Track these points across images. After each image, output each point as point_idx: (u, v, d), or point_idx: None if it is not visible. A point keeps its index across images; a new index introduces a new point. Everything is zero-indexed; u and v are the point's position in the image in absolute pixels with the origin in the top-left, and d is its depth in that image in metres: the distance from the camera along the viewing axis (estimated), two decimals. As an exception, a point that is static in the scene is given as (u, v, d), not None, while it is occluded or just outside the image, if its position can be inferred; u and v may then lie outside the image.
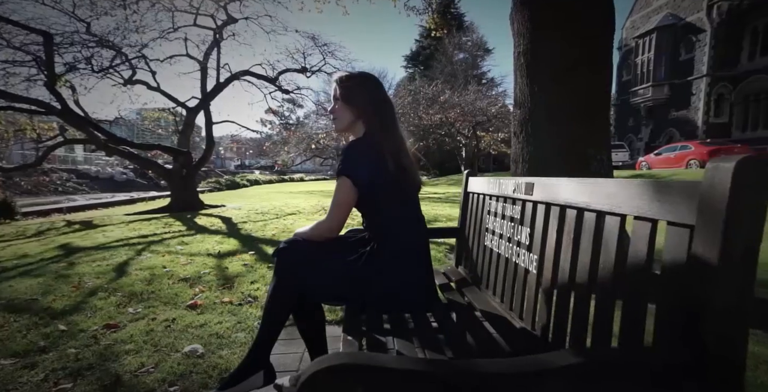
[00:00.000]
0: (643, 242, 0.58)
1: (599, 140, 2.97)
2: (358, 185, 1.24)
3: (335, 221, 1.29)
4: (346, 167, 1.25)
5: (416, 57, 37.53)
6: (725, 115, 25.41)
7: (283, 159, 22.04)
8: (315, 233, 1.35)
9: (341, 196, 1.27)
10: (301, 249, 1.34)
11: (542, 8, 2.97)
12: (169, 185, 8.94)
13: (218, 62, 10.45)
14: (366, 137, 1.31)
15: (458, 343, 0.97)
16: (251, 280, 2.79)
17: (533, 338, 0.95)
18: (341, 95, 1.36)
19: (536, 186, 1.02)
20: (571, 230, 0.81)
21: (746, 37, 24.65)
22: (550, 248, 0.91)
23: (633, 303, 0.60)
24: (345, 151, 1.28)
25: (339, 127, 1.41)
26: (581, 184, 0.78)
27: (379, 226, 1.30)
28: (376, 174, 1.25)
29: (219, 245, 4.09)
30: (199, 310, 2.23)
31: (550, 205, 0.93)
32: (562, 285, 0.84)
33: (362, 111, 1.34)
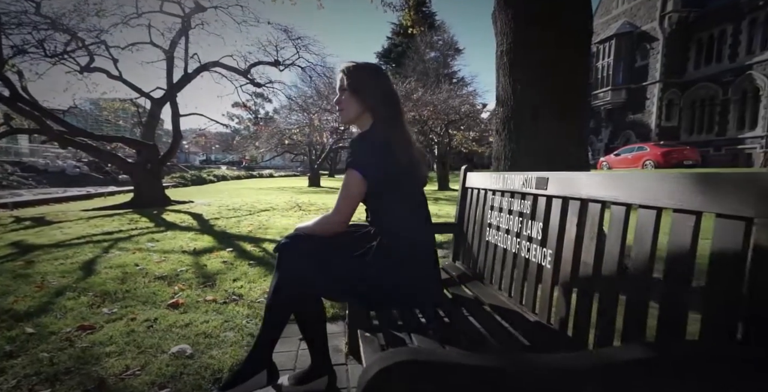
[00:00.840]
0: (685, 235, 0.60)
1: (579, 138, 3.08)
2: (368, 178, 1.22)
3: (343, 215, 1.27)
4: (355, 160, 1.22)
5: (388, 54, 37.52)
6: (675, 119, 27.19)
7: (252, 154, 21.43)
8: (320, 227, 1.31)
9: (350, 189, 1.24)
10: (305, 245, 1.30)
11: (526, 8, 3.04)
12: (132, 179, 8.49)
13: (186, 52, 10.00)
14: (375, 130, 1.29)
15: (476, 338, 0.97)
16: (233, 278, 2.70)
17: (551, 331, 0.97)
18: (348, 86, 1.33)
19: (551, 181, 1.04)
20: (594, 224, 0.84)
21: (693, 47, 26.48)
22: (569, 243, 0.93)
23: (673, 297, 0.61)
24: (354, 143, 1.25)
25: (345, 118, 1.38)
26: (608, 178, 0.80)
27: (387, 220, 1.29)
28: (386, 167, 1.24)
29: (193, 242, 3.93)
30: (182, 309, 2.13)
31: (569, 199, 0.95)
32: (584, 279, 0.86)
33: (370, 102, 1.32)
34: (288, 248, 1.30)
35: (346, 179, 1.25)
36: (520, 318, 1.08)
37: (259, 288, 2.48)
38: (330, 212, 1.29)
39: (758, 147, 23.22)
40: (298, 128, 14.90)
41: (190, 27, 10.00)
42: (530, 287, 1.12)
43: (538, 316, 1.06)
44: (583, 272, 0.86)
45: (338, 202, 1.26)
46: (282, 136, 15.36)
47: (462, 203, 1.75)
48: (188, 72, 10.08)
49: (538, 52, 2.99)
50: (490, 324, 1.06)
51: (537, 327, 1.01)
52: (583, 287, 0.87)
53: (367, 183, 1.23)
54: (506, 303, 1.21)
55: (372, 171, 1.22)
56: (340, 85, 1.37)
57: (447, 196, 12.11)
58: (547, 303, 1.02)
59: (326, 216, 1.31)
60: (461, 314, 1.16)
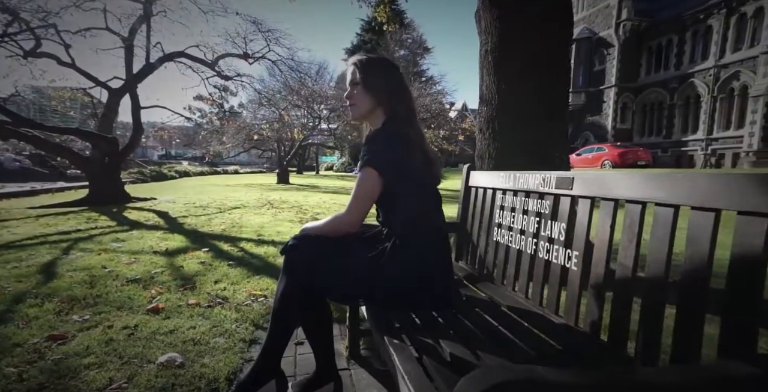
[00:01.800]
0: (751, 239, 0.59)
1: (561, 138, 3.17)
2: (385, 176, 1.18)
3: (356, 214, 1.21)
4: (372, 158, 1.17)
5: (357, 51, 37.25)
6: (629, 122, 28.90)
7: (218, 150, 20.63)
8: (331, 227, 1.25)
9: (365, 188, 1.19)
10: (314, 246, 1.24)
11: (512, 8, 3.08)
12: (88, 175, 7.92)
13: (148, 40, 9.46)
14: (390, 127, 1.24)
15: (505, 342, 0.95)
16: (214, 279, 2.56)
17: (582, 335, 0.96)
18: (361, 80, 1.27)
19: (577, 181, 1.04)
20: (634, 225, 0.83)
21: (644, 54, 28.26)
22: (602, 244, 0.92)
23: (739, 304, 0.60)
24: (371, 140, 1.20)
25: (356, 114, 1.32)
26: (651, 178, 0.79)
27: (402, 221, 1.24)
28: (404, 165, 1.20)
29: (164, 242, 3.71)
30: (164, 314, 1.99)
31: (600, 200, 0.95)
32: (622, 283, 0.85)
33: (384, 98, 1.27)
34: (296, 250, 1.23)
35: (362, 177, 1.19)
36: (545, 321, 1.08)
37: (244, 290, 2.36)
38: (342, 212, 1.23)
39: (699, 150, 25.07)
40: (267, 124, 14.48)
41: (152, 14, 9.45)
42: (553, 289, 1.12)
43: (564, 319, 1.06)
44: (620, 275, 0.86)
45: (352, 201, 1.21)
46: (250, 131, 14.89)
47: (465, 202, 1.73)
48: (150, 62, 9.54)
49: (523, 51, 3.03)
50: (515, 327, 1.04)
51: (565, 329, 1.00)
52: (620, 291, 0.86)
53: (383, 182, 1.18)
54: (525, 305, 1.20)
55: (389, 169, 1.18)
56: (351, 79, 1.31)
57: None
58: (574, 305, 1.02)
59: (338, 216, 1.25)
60: (481, 316, 1.14)
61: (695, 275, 0.68)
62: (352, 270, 1.22)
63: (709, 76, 24.03)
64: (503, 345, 0.95)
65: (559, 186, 1.12)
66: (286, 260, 1.25)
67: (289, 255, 1.24)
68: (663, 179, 0.76)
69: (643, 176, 0.82)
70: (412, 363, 0.84)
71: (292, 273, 1.23)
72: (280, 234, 4.24)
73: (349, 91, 1.32)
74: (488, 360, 0.87)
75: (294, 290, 1.23)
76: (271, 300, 2.23)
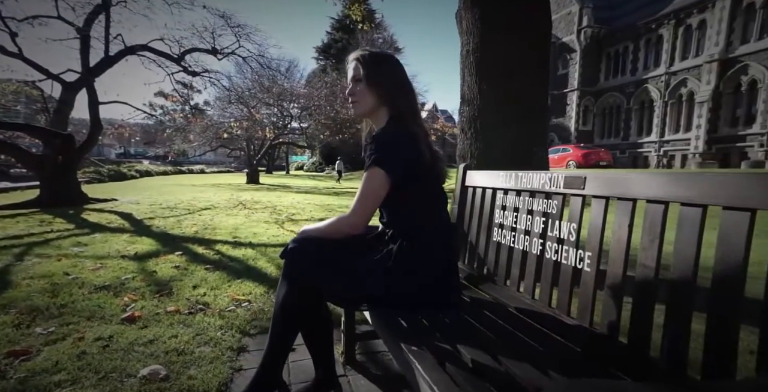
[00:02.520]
0: None
1: (541, 137, 3.23)
2: (393, 176, 1.13)
3: (362, 216, 1.16)
4: (380, 157, 1.12)
5: (328, 49, 36.88)
6: (590, 124, 30.26)
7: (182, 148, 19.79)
8: (334, 229, 1.20)
9: (372, 188, 1.14)
10: (316, 248, 1.18)
11: (494, 10, 3.10)
12: (40, 174, 7.36)
13: (107, 32, 8.91)
14: (397, 125, 1.19)
15: (526, 346, 0.93)
16: (192, 285, 2.42)
17: (600, 336, 0.96)
18: (365, 76, 1.22)
19: (590, 180, 1.03)
20: (656, 225, 0.83)
21: (603, 60, 29.72)
22: (619, 245, 0.92)
23: None
24: (378, 139, 1.15)
25: (359, 111, 1.27)
26: (676, 178, 0.78)
27: (410, 221, 1.20)
28: (412, 165, 1.16)
29: (132, 246, 3.49)
30: (141, 323, 1.85)
31: (618, 199, 0.95)
32: (644, 284, 0.85)
33: (388, 95, 1.23)
34: (297, 254, 1.17)
35: (369, 177, 1.14)
36: (558, 322, 1.07)
37: (226, 295, 2.25)
38: (347, 213, 1.18)
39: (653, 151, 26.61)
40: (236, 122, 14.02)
41: (112, 4, 8.91)
42: (563, 290, 1.11)
43: (577, 320, 1.05)
44: (642, 277, 0.85)
45: (357, 202, 1.16)
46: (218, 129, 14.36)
47: (461, 202, 1.72)
48: (110, 54, 8.99)
49: (505, 52, 3.07)
50: (529, 329, 1.02)
51: (581, 331, 1.00)
52: (642, 293, 0.85)
53: (390, 182, 1.14)
54: (533, 306, 1.19)
55: (397, 169, 1.13)
56: (353, 75, 1.25)
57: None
58: (588, 306, 1.01)
59: (343, 217, 1.19)
60: (491, 318, 1.12)
61: (728, 279, 0.67)
62: (357, 274, 1.17)
63: (661, 82, 25.55)
64: (523, 349, 0.93)
65: (569, 186, 1.11)
66: (287, 264, 1.19)
67: (289, 259, 1.18)
68: (689, 179, 0.76)
69: (667, 176, 0.82)
70: (437, 371, 0.80)
71: (294, 278, 1.17)
72: (257, 236, 4.10)
73: (351, 87, 1.26)
74: (512, 366, 0.84)
75: (296, 296, 1.17)
76: (255, 304, 2.13)
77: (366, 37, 29.89)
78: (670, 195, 0.81)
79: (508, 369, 0.85)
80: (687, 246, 0.76)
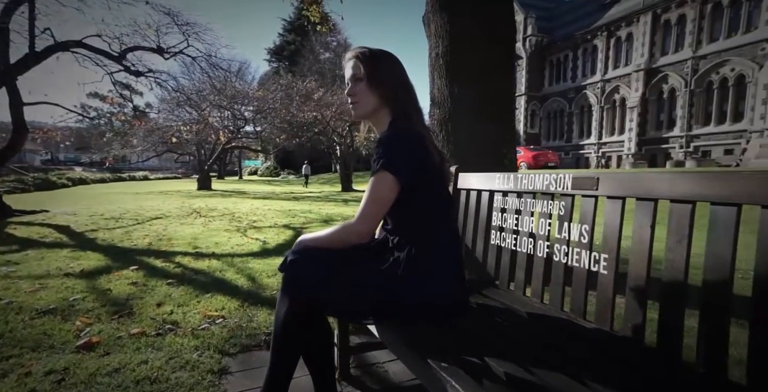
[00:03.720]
0: None
1: (510, 139, 3.30)
2: (402, 181, 1.06)
3: (369, 223, 1.08)
4: (388, 160, 1.05)
5: (280, 51, 36.10)
6: (537, 127, 32.01)
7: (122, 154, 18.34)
8: (339, 239, 1.10)
9: (380, 194, 1.07)
10: (318, 260, 1.09)
11: (463, 13, 3.14)
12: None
13: (31, 25, 8.06)
14: (402, 125, 1.13)
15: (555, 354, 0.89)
16: (156, 302, 2.19)
17: (623, 340, 0.94)
18: (367, 74, 1.15)
19: (605, 181, 1.02)
20: (683, 226, 0.82)
21: (547, 67, 31.64)
22: (640, 246, 0.91)
23: None
24: (385, 141, 1.08)
25: (360, 112, 1.19)
26: (705, 177, 0.78)
27: (417, 227, 1.14)
28: (421, 168, 1.10)
29: (75, 262, 3.13)
30: (101, 350, 1.63)
31: (637, 200, 0.94)
32: (672, 286, 0.84)
33: (391, 95, 1.16)
34: (298, 267, 1.07)
35: (376, 181, 1.07)
36: (575, 326, 1.04)
37: (197, 312, 2.06)
38: (352, 221, 1.09)
39: (593, 152, 28.62)
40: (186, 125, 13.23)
41: (36, -7, 8.07)
42: (578, 293, 1.09)
43: (596, 323, 1.04)
44: (670, 279, 0.84)
45: (364, 208, 1.07)
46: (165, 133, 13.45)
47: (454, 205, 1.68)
48: (36, 50, 8.14)
49: (475, 55, 3.11)
50: (550, 335, 0.99)
51: (604, 335, 0.98)
52: (671, 295, 0.84)
53: (399, 187, 1.07)
54: (545, 310, 1.17)
55: (406, 172, 1.07)
56: (352, 73, 1.17)
57: (354, 197, 12.10)
58: (607, 310, 1.00)
59: (348, 225, 1.10)
60: (505, 325, 1.08)
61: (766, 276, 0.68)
62: (364, 285, 1.08)
63: (598, 88, 27.60)
64: (550, 357, 0.89)
65: (579, 187, 1.10)
66: (287, 278, 1.08)
67: (290, 273, 1.07)
68: (721, 178, 0.76)
69: (696, 175, 0.82)
70: (475, 388, 0.75)
71: (297, 294, 1.07)
72: (219, 246, 3.84)
73: (351, 87, 1.18)
74: (547, 377, 0.80)
75: (297, 313, 1.07)
76: (231, 320, 1.97)
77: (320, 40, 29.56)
78: (698, 194, 0.81)
79: (543, 380, 0.81)
80: (722, 247, 0.76)
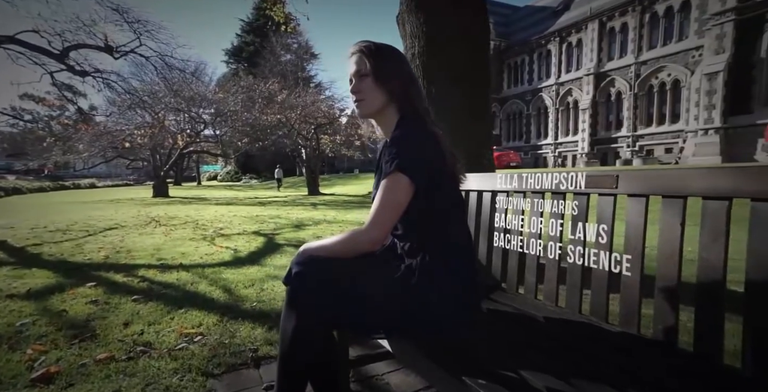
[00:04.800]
0: None
1: (487, 138, 3.31)
2: (417, 183, 0.98)
3: (382, 229, 0.99)
4: (403, 161, 0.97)
5: (239, 53, 35.07)
6: (498, 128, 33.05)
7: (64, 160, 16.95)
8: (349, 246, 1.01)
9: (395, 197, 0.98)
10: (326, 271, 0.98)
11: (439, 13, 3.11)
12: None
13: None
14: (415, 124, 1.05)
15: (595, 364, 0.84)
16: (122, 321, 1.98)
17: (654, 344, 0.91)
18: (373, 71, 1.05)
19: (623, 179, 0.99)
20: (719, 224, 0.79)
21: (506, 70, 32.79)
22: (670, 245, 0.88)
23: None
24: (399, 141, 0.99)
25: (367, 111, 1.10)
26: (741, 172, 0.75)
27: (431, 232, 1.06)
28: (436, 169, 1.02)
29: (19, 281, 2.80)
30: (63, 381, 1.42)
31: (664, 197, 0.90)
32: (710, 287, 0.81)
33: (399, 92, 1.08)
34: (305, 279, 0.96)
35: (390, 184, 0.98)
36: (600, 330, 1.00)
37: (171, 330, 1.87)
38: (363, 227, 1.00)
39: (549, 152, 29.91)
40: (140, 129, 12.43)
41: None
42: (598, 296, 1.04)
43: (621, 327, 1.00)
44: (706, 279, 0.81)
45: (376, 214, 0.98)
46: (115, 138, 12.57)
47: (451, 207, 1.62)
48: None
49: (453, 56, 3.09)
50: (575, 341, 0.94)
51: (633, 340, 0.93)
52: (708, 295, 0.81)
53: (414, 190, 0.99)
54: (562, 314, 1.12)
55: (422, 174, 0.99)
56: (357, 69, 1.08)
57: (322, 201, 11.87)
58: (634, 313, 0.96)
59: (358, 232, 1.01)
60: (526, 332, 1.02)
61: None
62: (377, 297, 0.99)
63: (553, 91, 28.93)
64: (584, 366, 0.84)
65: (596, 185, 1.07)
66: (293, 292, 0.97)
67: (296, 286, 0.97)
68: (761, 172, 0.74)
69: (731, 170, 0.79)
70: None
71: (305, 308, 0.96)
72: (187, 256, 3.59)
73: (355, 83, 1.09)
74: (590, 389, 0.75)
75: (308, 330, 0.96)
76: (211, 337, 1.80)
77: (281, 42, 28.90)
78: (734, 190, 0.78)
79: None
80: (766, 245, 0.73)
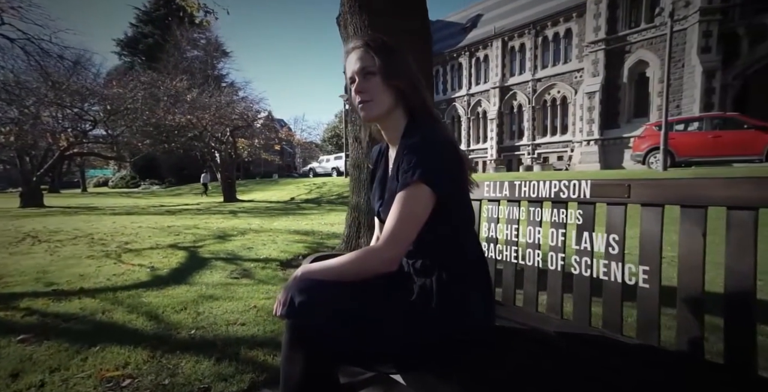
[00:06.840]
0: None
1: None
2: (439, 194, 0.85)
3: (400, 248, 0.84)
4: (426, 171, 0.83)
5: (134, 44, 31.40)
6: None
7: None
8: (358, 267, 0.84)
9: (415, 211, 0.84)
10: (335, 298, 0.81)
11: (383, 13, 3.04)
12: None
13: None
14: (432, 128, 0.91)
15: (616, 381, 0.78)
16: (8, 372, 1.50)
17: (681, 357, 0.88)
18: (382, 67, 0.91)
19: (636, 187, 0.96)
20: (747, 234, 0.78)
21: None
22: (692, 256, 0.86)
23: None
24: (418, 148, 0.85)
25: (376, 113, 0.94)
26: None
27: (447, 247, 0.93)
28: (457, 178, 0.90)
29: None
30: None
31: (683, 207, 0.88)
32: (739, 296, 0.80)
33: (409, 92, 0.94)
34: (311, 311, 0.77)
35: (409, 196, 0.83)
36: (618, 344, 0.95)
37: (85, 375, 1.46)
38: (379, 244, 0.84)
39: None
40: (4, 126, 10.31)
41: None
42: (612, 308, 1.01)
43: (639, 339, 0.96)
44: (734, 289, 0.80)
45: (395, 230, 0.83)
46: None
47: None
48: None
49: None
50: (598, 357, 0.89)
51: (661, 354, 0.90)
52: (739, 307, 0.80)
53: (435, 202, 0.86)
54: (574, 327, 1.06)
55: (445, 185, 0.86)
56: (362, 66, 0.92)
57: (241, 208, 11.04)
58: (653, 325, 0.93)
59: (373, 251, 0.84)
60: (544, 351, 0.95)
61: None
62: (389, 325, 0.83)
63: (465, 101, 31.08)
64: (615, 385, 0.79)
65: (603, 194, 1.04)
66: (298, 328, 0.79)
67: (301, 321, 0.77)
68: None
69: (756, 180, 0.80)
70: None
71: (314, 348, 0.77)
72: (87, 278, 2.96)
73: (360, 82, 0.93)
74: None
75: (317, 373, 0.77)
76: (145, 378, 1.44)
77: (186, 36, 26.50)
78: (760, 199, 0.79)
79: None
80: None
